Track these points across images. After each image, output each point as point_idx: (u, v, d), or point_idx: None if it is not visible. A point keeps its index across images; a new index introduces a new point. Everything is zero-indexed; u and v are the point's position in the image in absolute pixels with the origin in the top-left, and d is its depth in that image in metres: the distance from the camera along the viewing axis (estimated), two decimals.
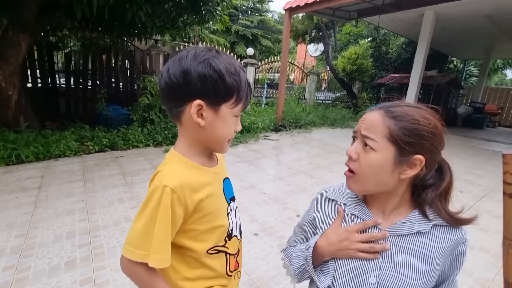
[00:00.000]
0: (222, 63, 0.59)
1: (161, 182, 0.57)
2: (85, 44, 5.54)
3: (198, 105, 0.58)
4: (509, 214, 0.46)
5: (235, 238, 0.75)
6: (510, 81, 23.04)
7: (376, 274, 0.61)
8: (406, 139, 0.55)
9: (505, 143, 7.15)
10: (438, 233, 0.61)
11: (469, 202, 3.03)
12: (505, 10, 5.78)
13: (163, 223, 0.56)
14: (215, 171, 0.70)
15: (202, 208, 0.63)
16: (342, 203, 0.70)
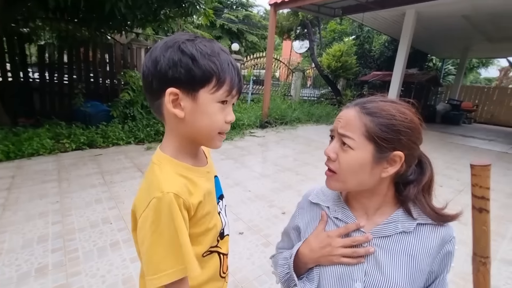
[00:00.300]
0: (195, 45, 0.53)
1: (162, 190, 0.51)
2: (61, 37, 5.24)
3: (172, 93, 0.52)
4: (478, 230, 0.44)
5: (227, 237, 0.73)
6: (484, 79, 24.19)
7: (362, 279, 0.58)
8: (384, 136, 0.54)
9: (480, 139, 7.49)
10: (423, 232, 0.58)
11: (449, 196, 3.13)
12: (482, 11, 6.00)
13: (183, 231, 0.52)
14: (207, 170, 0.66)
15: (200, 210, 0.59)
16: (325, 206, 0.68)
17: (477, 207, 0.45)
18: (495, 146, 6.47)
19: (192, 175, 0.60)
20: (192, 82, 0.53)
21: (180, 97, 0.53)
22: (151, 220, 0.51)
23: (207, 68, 0.53)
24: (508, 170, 4.43)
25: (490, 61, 18.25)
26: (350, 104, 0.61)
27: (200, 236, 0.62)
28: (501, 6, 5.63)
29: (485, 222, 0.45)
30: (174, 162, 0.59)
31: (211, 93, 0.54)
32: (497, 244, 2.23)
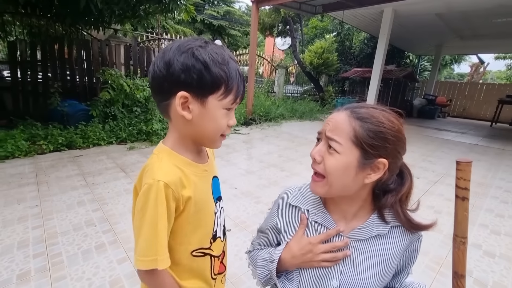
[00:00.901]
0: (207, 52, 0.55)
1: (154, 178, 0.55)
2: (33, 33, 4.97)
3: (183, 97, 0.55)
4: (460, 215, 0.50)
5: (219, 240, 0.73)
6: (457, 75, 25.47)
7: (338, 278, 0.63)
8: (371, 142, 0.55)
9: (453, 132, 7.92)
10: (395, 234, 0.63)
11: (425, 187, 3.31)
12: (454, 10, 6.31)
13: (162, 220, 0.55)
14: (205, 168, 0.68)
15: (191, 206, 0.61)
16: (304, 209, 0.69)
17: (460, 196, 0.50)
18: (466, 139, 6.88)
19: (188, 169, 0.62)
20: (202, 88, 0.55)
21: (190, 101, 0.56)
22: (141, 206, 0.55)
23: (218, 76, 0.55)
24: (478, 161, 4.73)
25: (462, 58, 19.22)
26: (341, 107, 0.62)
27: (190, 233, 0.63)
28: (472, 5, 5.95)
29: (466, 209, 0.50)
30: (173, 154, 0.61)
31: (219, 99, 0.57)
32: (468, 230, 2.40)
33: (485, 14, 6.58)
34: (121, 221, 2.17)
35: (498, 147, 6.00)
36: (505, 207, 2.91)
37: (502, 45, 10.56)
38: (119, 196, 2.58)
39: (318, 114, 8.82)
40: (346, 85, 11.96)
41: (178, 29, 13.31)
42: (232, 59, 0.59)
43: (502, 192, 3.34)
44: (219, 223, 0.73)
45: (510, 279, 1.81)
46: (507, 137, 7.53)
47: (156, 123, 4.55)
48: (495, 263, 1.96)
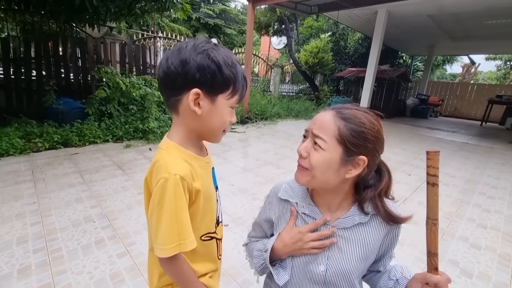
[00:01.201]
0: (220, 55, 0.61)
1: (170, 172, 0.59)
2: (26, 29, 4.92)
3: (196, 93, 0.60)
4: (431, 199, 0.55)
5: (221, 224, 0.82)
6: (449, 75, 25.91)
7: (325, 263, 0.69)
8: (353, 141, 0.60)
9: (444, 131, 8.09)
10: (375, 221, 0.69)
11: (416, 184, 3.41)
12: (446, 11, 6.45)
13: (183, 209, 0.60)
14: (207, 160, 0.74)
15: (200, 197, 0.66)
16: (294, 202, 0.75)
17: (430, 182, 0.56)
18: (457, 137, 7.04)
19: (195, 163, 0.67)
20: (214, 87, 0.61)
21: (201, 98, 0.61)
22: (158, 199, 0.59)
23: (228, 77, 0.61)
24: (467, 158, 4.87)
25: (454, 58, 19.56)
26: (328, 108, 0.68)
27: (200, 221, 0.69)
28: (462, 7, 6.09)
29: (436, 193, 0.55)
30: (181, 149, 0.66)
31: (227, 99, 0.63)
32: (456, 224, 2.50)
33: (476, 16, 6.74)
34: (119, 217, 2.20)
35: (487, 146, 6.17)
36: (491, 202, 3.03)
37: (492, 46, 10.81)
38: (117, 193, 2.60)
39: (314, 113, 8.90)
40: (341, 85, 12.08)
41: (174, 28, 13.25)
42: (238, 63, 0.65)
43: (489, 188, 3.46)
44: (220, 209, 0.81)
45: (494, 269, 1.90)
46: (496, 136, 7.74)
47: (152, 121, 4.56)
48: (481, 255, 2.05)
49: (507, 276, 1.84)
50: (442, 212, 2.71)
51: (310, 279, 0.71)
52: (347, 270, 0.68)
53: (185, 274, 0.66)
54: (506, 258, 2.04)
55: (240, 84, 0.64)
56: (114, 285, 1.53)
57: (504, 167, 4.44)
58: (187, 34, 13.95)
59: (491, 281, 1.78)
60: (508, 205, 2.97)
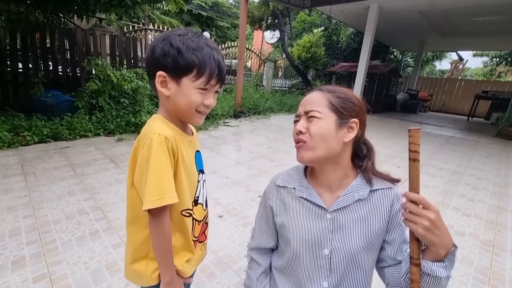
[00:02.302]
0: (183, 40, 0.65)
1: (155, 132, 0.63)
2: (11, 20, 4.75)
3: (161, 76, 0.66)
4: (412, 174, 0.57)
5: (200, 206, 0.83)
6: (439, 71, 26.39)
7: (329, 246, 0.71)
8: (343, 105, 0.69)
9: (433, 125, 8.30)
10: (374, 197, 0.72)
11: (405, 175, 3.50)
12: (436, 7, 6.55)
13: (167, 166, 0.64)
14: (190, 139, 0.78)
15: (181, 164, 0.70)
16: (291, 187, 0.78)
17: (412, 158, 0.58)
18: (445, 131, 7.24)
19: (177, 136, 0.71)
20: (176, 70, 0.66)
21: (168, 80, 0.66)
22: (146, 158, 0.63)
23: (190, 60, 0.65)
24: (454, 151, 5.02)
25: (443, 55, 19.91)
26: (310, 90, 0.76)
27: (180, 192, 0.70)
28: (452, 3, 6.21)
29: (417, 168, 0.57)
30: (165, 120, 0.72)
31: (192, 81, 0.66)
32: (442, 213, 2.60)
33: (465, 13, 6.88)
34: (113, 209, 2.20)
35: (472, 139, 6.37)
36: (475, 192, 3.15)
37: (480, 43, 11.06)
38: (110, 186, 2.59)
39: None
40: (333, 80, 12.17)
41: (165, 20, 13.01)
42: (209, 46, 0.68)
43: (473, 179, 3.60)
44: (202, 192, 0.83)
45: (477, 254, 2.01)
46: (482, 130, 7.98)
47: (144, 114, 4.51)
48: (465, 241, 2.15)
49: (488, 260, 1.94)
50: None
51: (315, 265, 0.72)
52: (351, 250, 0.69)
53: (166, 240, 0.68)
54: (488, 244, 2.14)
55: (207, 66, 0.66)
56: (111, 274, 1.54)
57: (488, 160, 4.61)
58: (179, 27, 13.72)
59: (473, 265, 1.88)
60: (491, 195, 3.10)
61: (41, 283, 1.45)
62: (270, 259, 0.88)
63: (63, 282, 1.47)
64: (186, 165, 0.72)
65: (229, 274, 1.63)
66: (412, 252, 0.58)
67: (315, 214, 0.73)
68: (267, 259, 0.87)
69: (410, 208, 0.57)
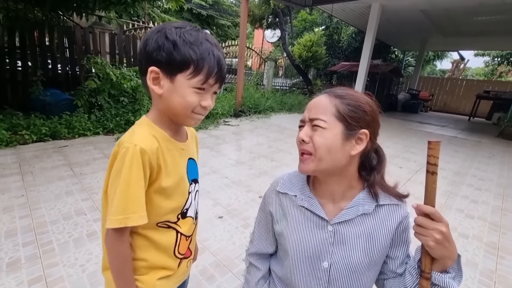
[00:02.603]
0: (181, 33, 0.58)
1: (132, 142, 0.57)
2: (10, 17, 4.71)
3: (153, 71, 0.59)
4: (429, 187, 0.55)
5: (190, 219, 0.74)
6: (439, 71, 26.31)
7: (328, 259, 0.67)
8: (352, 114, 0.61)
9: (434, 125, 8.25)
10: (380, 213, 0.67)
11: (407, 176, 3.48)
12: (438, 6, 6.50)
13: (138, 182, 0.57)
14: (182, 146, 0.70)
15: (162, 178, 0.63)
16: (292, 195, 0.73)
17: (430, 171, 0.56)
18: (446, 131, 7.20)
19: (165, 144, 0.64)
20: (171, 66, 0.58)
21: (161, 77, 0.59)
22: (118, 169, 0.57)
23: (186, 55, 0.57)
24: (456, 152, 4.99)
25: (444, 54, 19.84)
26: (318, 93, 0.68)
27: (158, 206, 0.64)
28: (454, 2, 6.16)
29: (435, 182, 0.55)
30: (153, 125, 0.64)
31: (188, 78, 0.59)
32: (445, 214, 2.56)
33: (467, 12, 6.82)
34: None
35: (474, 140, 6.33)
36: (479, 193, 3.12)
37: (482, 43, 11.00)
38: None
39: None
40: (334, 79, 12.12)
41: (165, 18, 12.95)
42: (208, 40, 0.60)
43: (476, 180, 3.56)
44: (193, 203, 0.74)
45: (481, 257, 1.97)
46: (483, 131, 7.94)
47: (144, 113, 4.44)
48: (469, 243, 2.12)
49: (493, 264, 1.90)
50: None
51: (313, 277, 0.69)
52: (351, 265, 0.66)
53: (121, 260, 0.60)
54: (492, 246, 2.11)
55: (205, 63, 0.59)
56: None
57: (491, 160, 4.57)
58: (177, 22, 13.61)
59: (478, 268, 1.84)
60: (494, 197, 3.06)
61: (37, 285, 1.42)
62: (269, 263, 0.84)
63: (59, 285, 1.43)
64: (172, 177, 0.65)
65: (229, 277, 1.60)
66: (424, 266, 0.57)
67: (316, 224, 0.69)
68: (266, 264, 0.84)
69: (422, 222, 0.55)
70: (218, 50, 0.62)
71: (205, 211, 2.28)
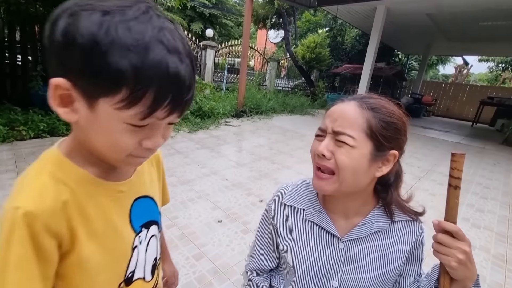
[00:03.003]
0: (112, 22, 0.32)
1: (12, 203, 0.36)
2: (11, 11, 4.66)
3: (58, 86, 0.35)
4: (452, 202, 0.51)
5: (141, 282, 0.52)
6: (442, 76, 26.24)
7: (338, 278, 0.62)
8: (385, 133, 0.53)
9: (437, 130, 8.18)
10: (395, 230, 0.62)
11: (411, 182, 3.41)
12: (444, 10, 6.43)
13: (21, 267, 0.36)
14: (120, 187, 0.47)
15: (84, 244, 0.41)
16: (300, 208, 0.67)
17: (453, 185, 0.51)
18: (450, 137, 7.12)
19: (85, 189, 0.42)
20: (88, 81, 0.34)
21: (74, 96, 0.35)
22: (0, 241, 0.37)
23: (116, 69, 0.32)
24: None
25: (447, 59, 19.78)
26: (345, 99, 0.58)
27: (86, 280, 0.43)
28: (461, 7, 6.08)
29: (457, 196, 0.51)
30: (66, 164, 0.41)
31: (116, 107, 0.34)
32: None
33: (473, 17, 6.75)
34: None
35: (478, 146, 6.26)
36: (484, 202, 3.05)
37: (487, 48, 10.92)
38: None
39: (309, 108, 8.87)
40: (336, 81, 12.07)
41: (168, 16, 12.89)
42: (163, 43, 0.34)
43: (482, 188, 3.49)
44: (142, 259, 0.52)
45: (489, 269, 1.90)
46: (487, 137, 7.86)
47: None
48: (475, 255, 2.04)
49: (501, 277, 1.84)
50: (437, 211, 2.70)
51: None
52: (363, 284, 0.61)
53: None
54: (500, 258, 2.04)
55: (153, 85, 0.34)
56: None
57: (496, 168, 4.50)
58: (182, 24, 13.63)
59: (485, 282, 1.77)
60: (500, 206, 2.99)
61: None
62: (270, 279, 0.79)
63: None
64: (102, 238, 0.44)
65: (228, 286, 1.53)
66: (442, 286, 0.53)
67: (326, 241, 0.63)
68: (266, 280, 0.78)
69: (443, 240, 0.50)
70: (181, 59, 0.36)
71: (204, 215, 2.21)
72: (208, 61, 8.06)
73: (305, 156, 4.14)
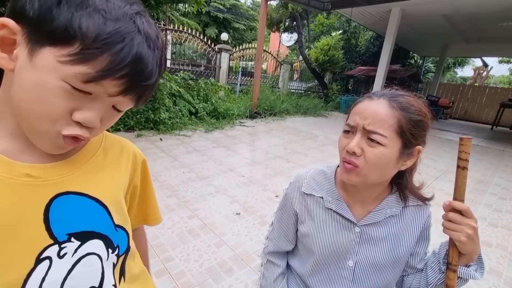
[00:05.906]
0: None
1: None
2: None
3: (4, 25, 0.32)
4: (460, 181, 0.57)
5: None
6: (460, 78, 25.48)
7: (354, 258, 0.68)
8: (414, 131, 0.56)
9: (455, 132, 7.99)
10: (407, 214, 0.68)
11: (426, 182, 3.40)
12: (461, 11, 6.34)
13: None
14: (26, 170, 0.37)
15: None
16: (318, 196, 0.70)
17: (461, 166, 0.57)
18: None
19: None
20: (40, 27, 0.31)
21: (18, 40, 0.33)
22: None
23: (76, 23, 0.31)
24: (478, 160, 4.82)
25: (465, 61, 19.23)
26: (373, 96, 0.60)
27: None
28: (479, 7, 5.98)
29: (465, 176, 0.57)
30: None
31: (60, 61, 0.31)
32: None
33: (492, 17, 6.60)
34: None
35: (498, 148, 6.09)
36: (503, 203, 3.01)
37: (507, 49, 10.58)
38: None
39: (322, 110, 8.89)
40: (350, 83, 12.00)
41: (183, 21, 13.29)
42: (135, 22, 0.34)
43: (500, 189, 3.44)
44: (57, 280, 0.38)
45: (505, 265, 1.91)
46: (507, 140, 7.61)
47: (163, 112, 4.61)
48: (492, 252, 2.05)
49: None
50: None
51: (338, 276, 0.70)
52: (377, 263, 0.67)
53: None
54: None
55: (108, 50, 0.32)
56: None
57: None
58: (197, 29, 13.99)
59: (502, 277, 1.79)
60: None
61: None
62: (287, 259, 0.85)
63: None
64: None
65: (248, 271, 1.63)
66: (451, 258, 0.59)
67: (343, 226, 0.69)
68: (284, 260, 0.84)
69: (454, 218, 0.56)
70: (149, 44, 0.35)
71: (222, 207, 2.33)
72: (222, 64, 8.27)
73: (319, 155, 4.20)
